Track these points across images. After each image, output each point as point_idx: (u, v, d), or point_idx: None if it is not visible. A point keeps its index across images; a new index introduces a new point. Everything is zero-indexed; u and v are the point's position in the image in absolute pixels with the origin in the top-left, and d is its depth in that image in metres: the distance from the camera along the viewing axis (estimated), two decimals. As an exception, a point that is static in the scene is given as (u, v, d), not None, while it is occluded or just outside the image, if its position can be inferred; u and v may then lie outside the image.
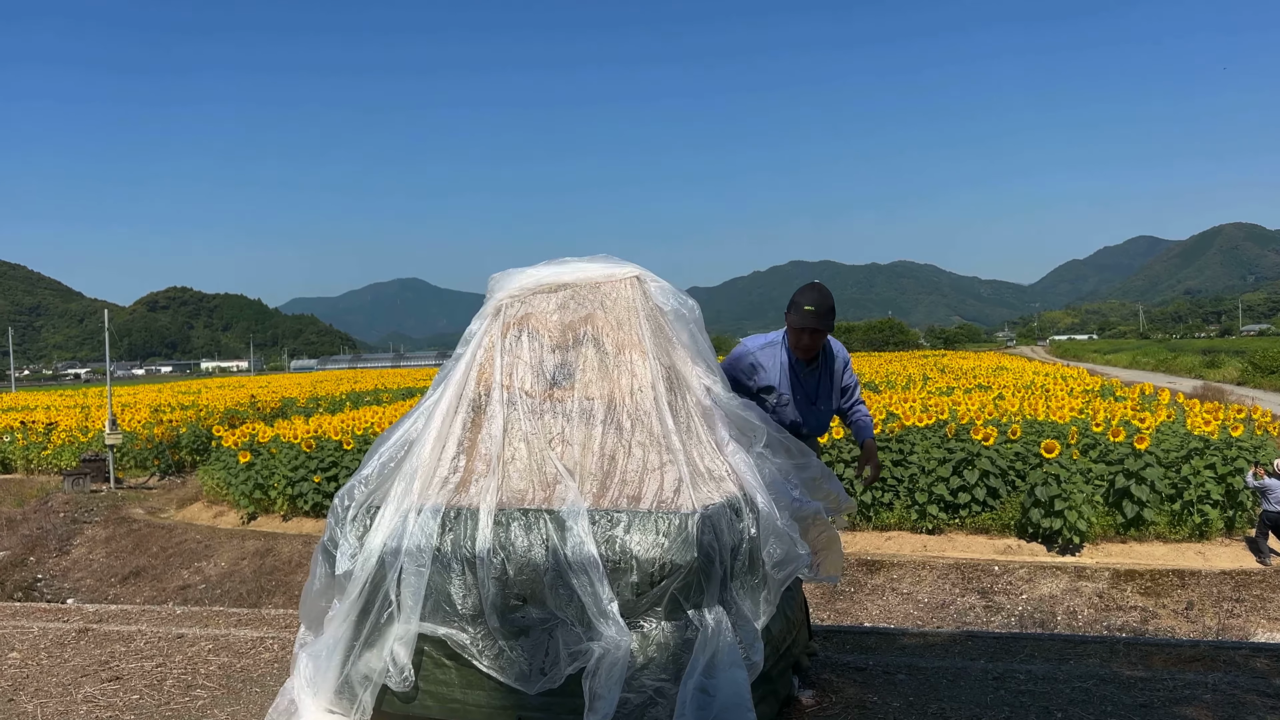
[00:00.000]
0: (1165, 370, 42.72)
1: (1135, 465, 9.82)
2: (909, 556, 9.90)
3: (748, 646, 3.02)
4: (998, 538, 10.20)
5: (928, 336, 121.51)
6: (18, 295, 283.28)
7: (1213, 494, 9.77)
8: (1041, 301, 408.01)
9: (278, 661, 4.63)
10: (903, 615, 8.73)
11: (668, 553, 2.88)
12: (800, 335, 3.92)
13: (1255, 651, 4.70)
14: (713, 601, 2.94)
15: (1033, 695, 3.85)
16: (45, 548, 13.86)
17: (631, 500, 3.10)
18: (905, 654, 4.60)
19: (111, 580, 12.27)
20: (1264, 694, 3.81)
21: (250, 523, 13.45)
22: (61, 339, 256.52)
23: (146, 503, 15.95)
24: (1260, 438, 10.65)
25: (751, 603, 3.13)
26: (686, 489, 3.06)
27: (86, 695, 4.21)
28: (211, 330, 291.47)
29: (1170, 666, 4.33)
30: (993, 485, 10.31)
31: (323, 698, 3.26)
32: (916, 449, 10.64)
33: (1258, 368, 33.40)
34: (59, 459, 19.75)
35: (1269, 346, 40.58)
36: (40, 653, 4.92)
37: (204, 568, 12.08)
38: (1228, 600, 8.56)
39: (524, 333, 3.53)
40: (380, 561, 3.19)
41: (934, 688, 3.96)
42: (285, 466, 13.12)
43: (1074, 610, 8.62)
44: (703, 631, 2.88)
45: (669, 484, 3.09)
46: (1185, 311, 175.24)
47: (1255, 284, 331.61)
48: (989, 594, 9.00)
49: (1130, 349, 71.91)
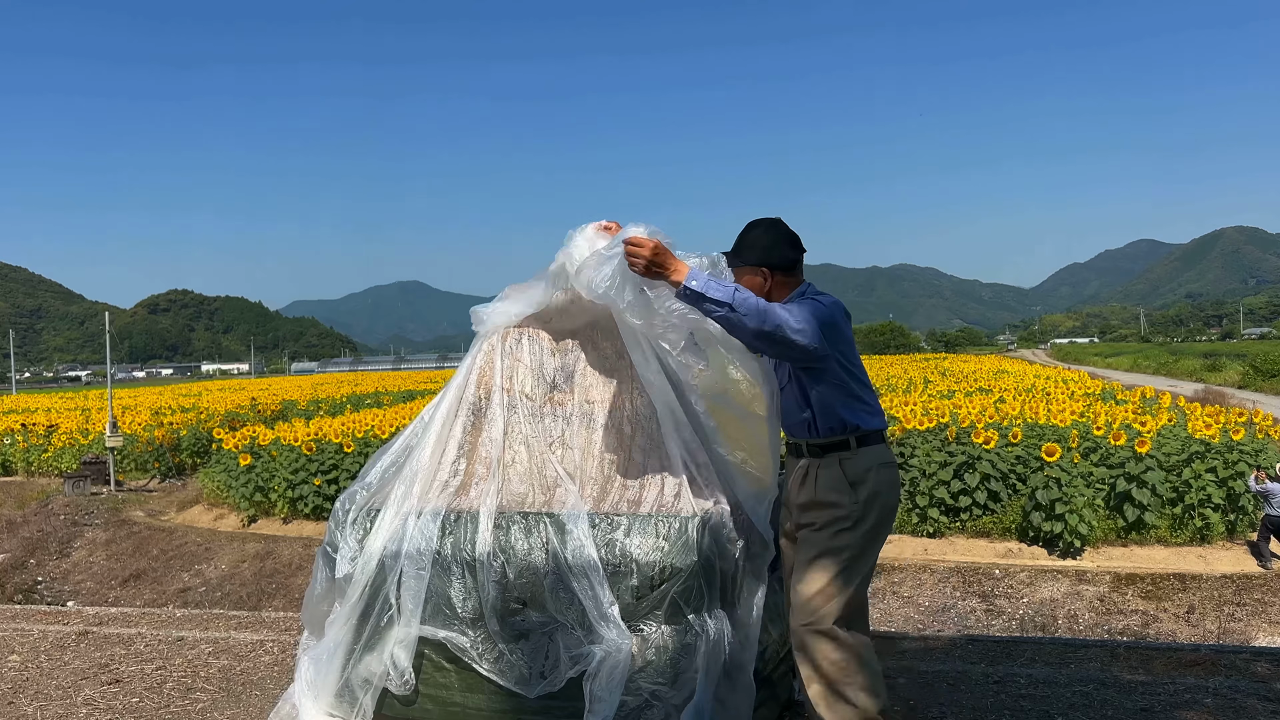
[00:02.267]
0: (1166, 374, 42.73)
1: (1136, 469, 9.82)
2: (910, 560, 9.89)
3: (747, 650, 3.02)
4: (999, 541, 10.19)
5: (929, 340, 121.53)
6: (19, 297, 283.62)
7: (1214, 498, 9.77)
8: (1043, 305, 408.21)
9: (278, 665, 4.63)
10: (903, 619, 8.72)
11: (668, 556, 2.88)
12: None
13: (1256, 656, 4.69)
14: (713, 605, 2.94)
15: (1033, 699, 3.85)
16: (45, 550, 13.86)
17: (631, 504, 3.10)
18: (906, 658, 4.59)
19: (112, 583, 12.27)
20: (1265, 699, 3.81)
21: (250, 525, 13.45)
22: (62, 341, 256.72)
23: (147, 505, 15.95)
24: (1261, 441, 10.64)
25: (750, 606, 3.13)
26: (686, 493, 3.06)
27: (86, 698, 4.21)
28: (212, 333, 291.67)
29: (1171, 671, 4.32)
30: (994, 489, 10.31)
31: (323, 701, 3.26)
32: (917, 452, 10.64)
33: (1259, 371, 33.40)
34: (59, 461, 19.75)
35: (1270, 350, 40.59)
36: (40, 655, 4.92)
37: (204, 570, 12.07)
38: (1229, 604, 8.55)
39: (524, 336, 3.53)
40: (380, 565, 3.19)
41: (934, 691, 3.96)
42: (286, 469, 13.12)
43: (1075, 614, 8.61)
44: (703, 636, 2.88)
45: (669, 488, 3.09)
46: (1186, 315, 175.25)
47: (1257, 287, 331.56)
48: (990, 598, 8.99)
49: (1131, 352, 71.91)
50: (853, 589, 2.85)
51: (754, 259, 2.98)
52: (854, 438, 2.90)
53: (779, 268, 3.00)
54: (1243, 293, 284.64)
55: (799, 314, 2.74)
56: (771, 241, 3.01)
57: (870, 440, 2.93)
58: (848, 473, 2.88)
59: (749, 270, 2.97)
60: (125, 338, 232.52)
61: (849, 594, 2.84)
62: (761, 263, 2.98)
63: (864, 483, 2.87)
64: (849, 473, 2.88)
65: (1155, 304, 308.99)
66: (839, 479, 2.88)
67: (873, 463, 2.90)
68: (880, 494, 2.90)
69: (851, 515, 2.85)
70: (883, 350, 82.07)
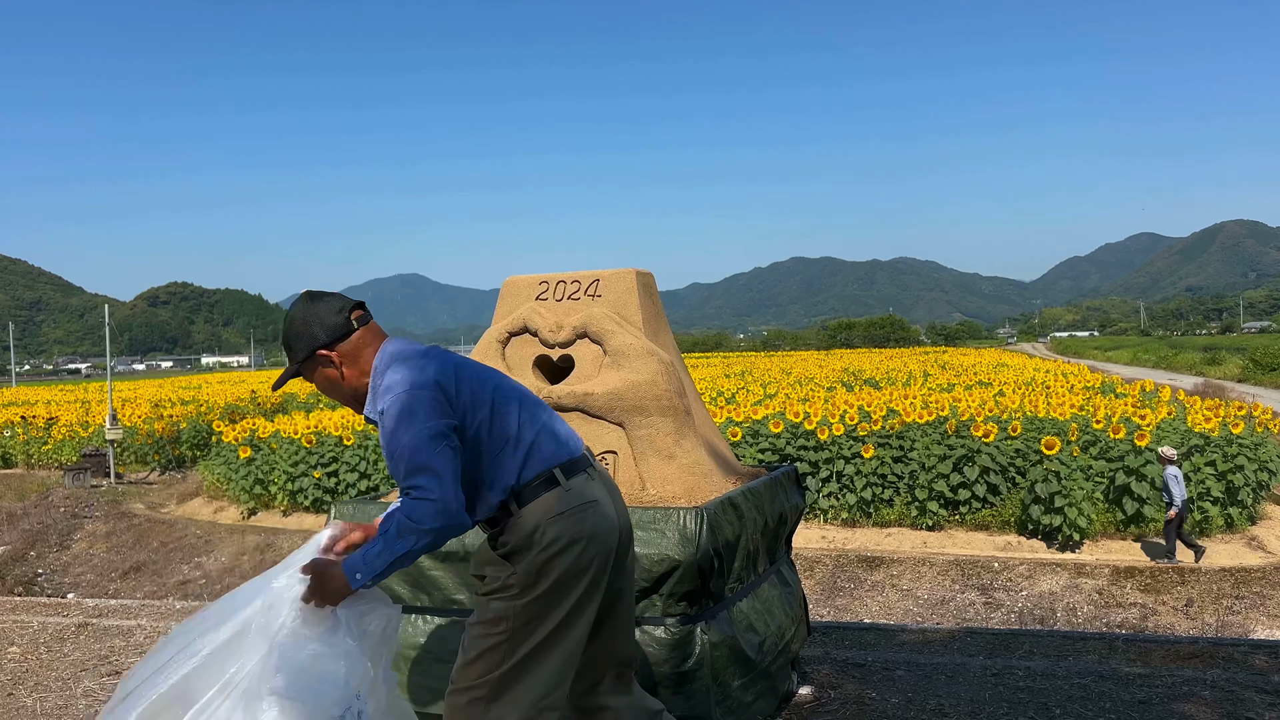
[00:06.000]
0: (1166, 367, 42.73)
1: (1135, 462, 9.83)
2: (909, 553, 9.90)
3: (745, 642, 3.02)
4: (998, 534, 10.21)
5: (929, 333, 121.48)
6: (18, 290, 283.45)
7: (1213, 491, 9.78)
8: (1043, 298, 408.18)
9: (277, 656, 4.63)
10: (902, 611, 8.73)
11: (666, 549, 2.88)
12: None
13: (1254, 648, 4.70)
14: (710, 598, 2.94)
15: (1031, 691, 3.85)
16: (45, 542, 13.87)
17: (632, 500, 3.10)
18: (904, 650, 4.60)
19: (112, 575, 12.29)
20: (1262, 691, 3.81)
21: (250, 518, 13.47)
22: (62, 334, 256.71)
23: (147, 498, 15.96)
24: (1260, 435, 10.65)
25: (748, 598, 3.13)
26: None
27: (86, 690, 4.22)
28: (212, 325, 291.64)
29: (1169, 663, 4.33)
30: (993, 482, 10.32)
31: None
32: (917, 445, 10.65)
33: (1259, 365, 33.42)
34: (60, 454, 19.77)
35: (1270, 344, 40.61)
36: (40, 647, 4.93)
37: (204, 563, 12.09)
38: (1227, 597, 8.57)
39: (524, 329, 3.54)
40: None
41: (933, 684, 3.96)
42: (285, 462, 13.14)
43: (1073, 607, 8.62)
44: (701, 629, 2.88)
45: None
46: (1186, 308, 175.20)
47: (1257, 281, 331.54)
48: (989, 590, 9.00)
49: (1131, 346, 71.92)
50: (515, 678, 2.23)
51: (303, 350, 2.32)
52: (513, 501, 2.28)
53: (333, 341, 2.32)
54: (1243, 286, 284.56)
55: (421, 481, 2.12)
56: (304, 321, 2.33)
57: (531, 495, 2.28)
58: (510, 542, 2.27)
59: (310, 366, 2.36)
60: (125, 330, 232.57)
61: (508, 685, 2.22)
62: (311, 349, 2.32)
63: (529, 548, 2.23)
64: (512, 541, 2.26)
65: (1155, 298, 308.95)
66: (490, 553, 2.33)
67: (540, 519, 2.24)
68: (558, 553, 2.22)
69: (515, 584, 2.24)
70: (882, 343, 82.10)
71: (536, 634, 2.23)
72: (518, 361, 3.55)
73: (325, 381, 2.36)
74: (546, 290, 3.60)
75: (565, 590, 2.23)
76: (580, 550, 2.23)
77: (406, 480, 2.14)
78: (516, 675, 2.23)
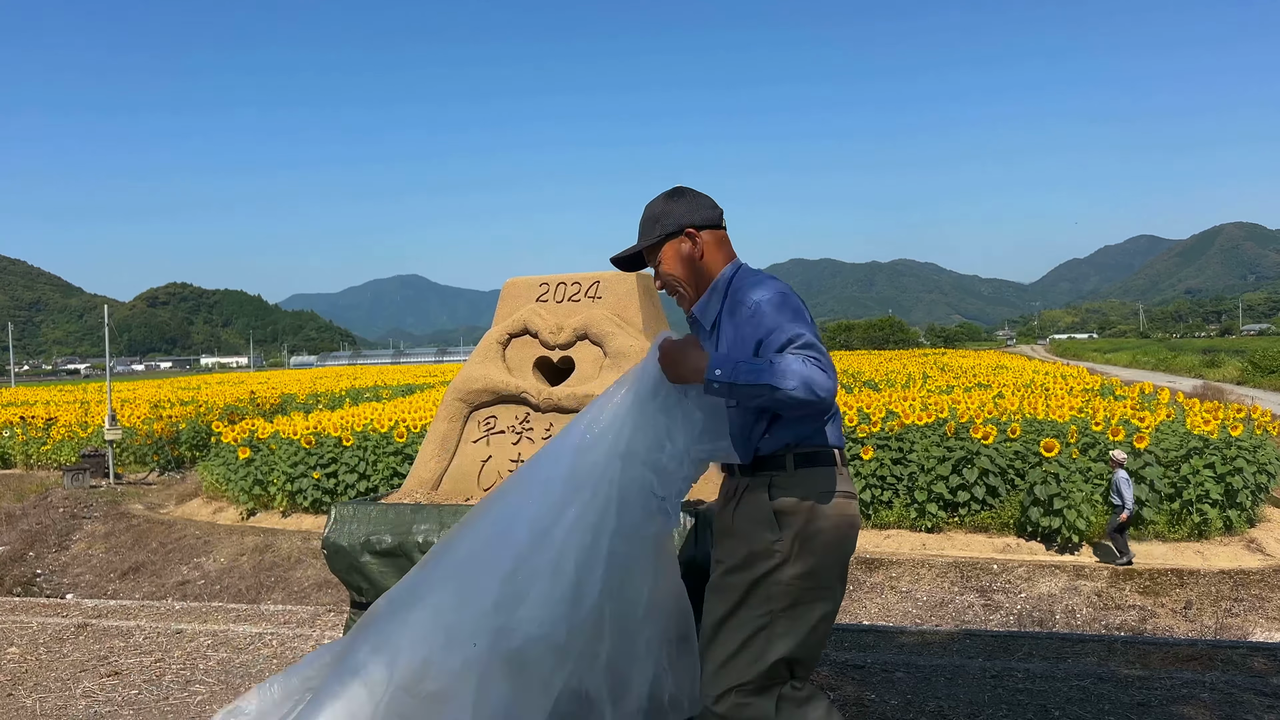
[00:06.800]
0: (1165, 369, 42.76)
1: (1134, 464, 9.83)
2: (908, 555, 9.90)
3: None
4: (997, 536, 10.21)
5: (928, 335, 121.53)
6: (17, 290, 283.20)
7: (1212, 493, 9.78)
8: (1042, 300, 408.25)
9: (276, 657, 4.63)
10: (901, 613, 8.73)
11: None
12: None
13: (1253, 651, 4.70)
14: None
15: (1030, 694, 3.86)
16: (44, 543, 13.86)
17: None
18: (904, 652, 4.60)
19: (111, 576, 12.28)
20: (1261, 693, 3.82)
21: (249, 519, 13.46)
22: (61, 334, 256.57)
23: (146, 498, 15.95)
24: (1260, 437, 10.65)
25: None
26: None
27: (85, 690, 4.22)
28: (211, 326, 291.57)
29: (1168, 665, 4.34)
30: (992, 484, 10.32)
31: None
32: (916, 447, 10.65)
33: (1258, 367, 33.44)
34: (59, 454, 19.75)
35: (1269, 346, 40.63)
36: (39, 648, 4.93)
37: (203, 563, 12.08)
38: (1226, 599, 8.57)
39: (525, 331, 3.54)
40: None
41: (932, 686, 3.96)
42: (285, 463, 13.13)
43: (1072, 609, 8.62)
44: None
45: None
46: (1185, 311, 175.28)
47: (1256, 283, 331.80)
48: (988, 592, 9.00)
49: (1130, 348, 71.94)
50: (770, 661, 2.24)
51: (672, 225, 2.41)
52: (793, 456, 2.29)
53: (705, 225, 2.43)
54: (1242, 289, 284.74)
55: (807, 348, 2.14)
56: (689, 203, 2.44)
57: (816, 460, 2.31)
58: (776, 501, 2.27)
59: (671, 243, 2.43)
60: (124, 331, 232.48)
61: (765, 665, 2.23)
62: (684, 224, 2.41)
63: (794, 514, 2.25)
64: (778, 501, 2.27)
65: (1154, 300, 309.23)
66: (764, 507, 2.29)
67: (811, 491, 2.27)
68: (819, 533, 2.24)
69: (779, 552, 2.23)
70: (882, 345, 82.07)
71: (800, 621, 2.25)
72: (518, 363, 3.55)
73: (677, 258, 2.43)
74: (547, 292, 3.60)
75: (825, 575, 2.28)
76: (844, 536, 2.29)
77: (801, 348, 2.13)
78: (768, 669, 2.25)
